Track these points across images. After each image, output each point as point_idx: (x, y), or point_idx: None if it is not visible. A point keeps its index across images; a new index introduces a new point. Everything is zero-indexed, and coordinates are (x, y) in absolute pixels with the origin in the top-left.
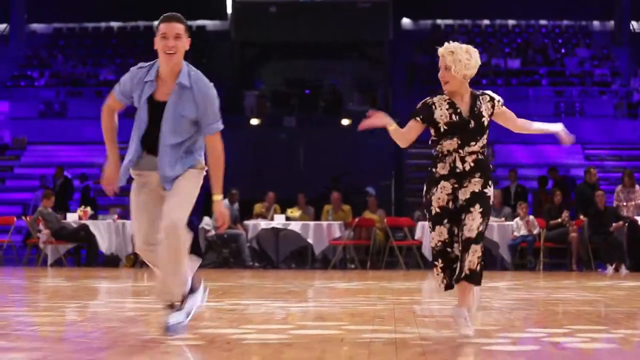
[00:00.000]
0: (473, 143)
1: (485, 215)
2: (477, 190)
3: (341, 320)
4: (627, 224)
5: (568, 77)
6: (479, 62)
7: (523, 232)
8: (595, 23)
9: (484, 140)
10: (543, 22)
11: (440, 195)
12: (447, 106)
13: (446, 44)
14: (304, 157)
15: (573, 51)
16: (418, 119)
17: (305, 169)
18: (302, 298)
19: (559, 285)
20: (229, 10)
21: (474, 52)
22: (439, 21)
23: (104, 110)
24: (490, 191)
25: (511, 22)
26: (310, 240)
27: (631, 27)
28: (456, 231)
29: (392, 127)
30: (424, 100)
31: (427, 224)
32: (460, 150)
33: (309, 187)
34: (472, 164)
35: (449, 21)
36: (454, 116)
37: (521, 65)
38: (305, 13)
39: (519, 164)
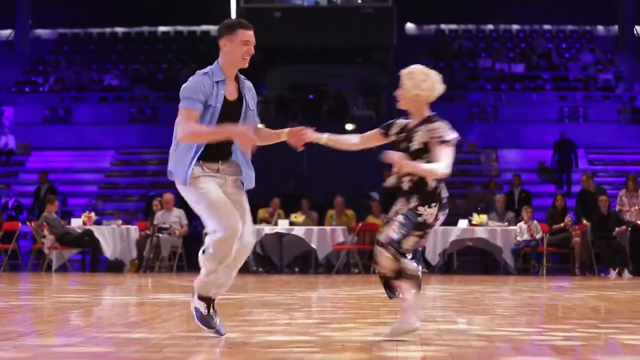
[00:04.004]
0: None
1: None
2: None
3: (344, 323)
4: (630, 229)
5: (572, 82)
6: (437, 88)
7: (526, 236)
8: (599, 28)
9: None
10: (547, 27)
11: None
12: (396, 128)
13: (415, 65)
14: (308, 162)
15: (577, 56)
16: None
17: (309, 174)
18: (306, 303)
19: (562, 289)
20: (233, 15)
21: (433, 76)
22: (443, 26)
23: (194, 127)
24: (422, 210)
25: (515, 27)
26: (314, 245)
27: (635, 32)
28: None
29: (322, 140)
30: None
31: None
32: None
33: (312, 192)
34: (409, 184)
35: (453, 26)
36: (394, 137)
37: (525, 70)
38: (309, 18)
39: (521, 169)
